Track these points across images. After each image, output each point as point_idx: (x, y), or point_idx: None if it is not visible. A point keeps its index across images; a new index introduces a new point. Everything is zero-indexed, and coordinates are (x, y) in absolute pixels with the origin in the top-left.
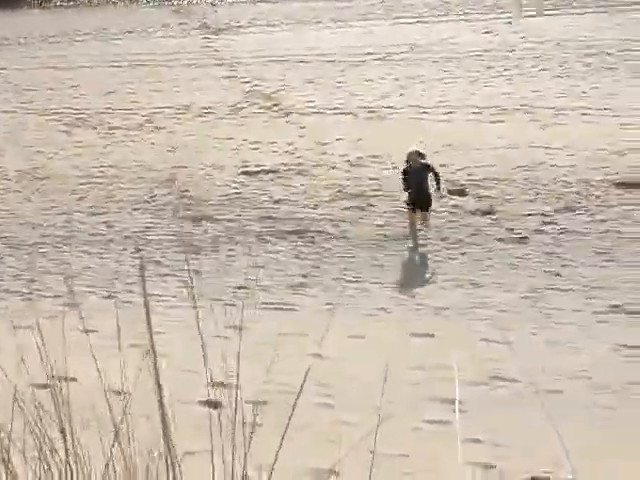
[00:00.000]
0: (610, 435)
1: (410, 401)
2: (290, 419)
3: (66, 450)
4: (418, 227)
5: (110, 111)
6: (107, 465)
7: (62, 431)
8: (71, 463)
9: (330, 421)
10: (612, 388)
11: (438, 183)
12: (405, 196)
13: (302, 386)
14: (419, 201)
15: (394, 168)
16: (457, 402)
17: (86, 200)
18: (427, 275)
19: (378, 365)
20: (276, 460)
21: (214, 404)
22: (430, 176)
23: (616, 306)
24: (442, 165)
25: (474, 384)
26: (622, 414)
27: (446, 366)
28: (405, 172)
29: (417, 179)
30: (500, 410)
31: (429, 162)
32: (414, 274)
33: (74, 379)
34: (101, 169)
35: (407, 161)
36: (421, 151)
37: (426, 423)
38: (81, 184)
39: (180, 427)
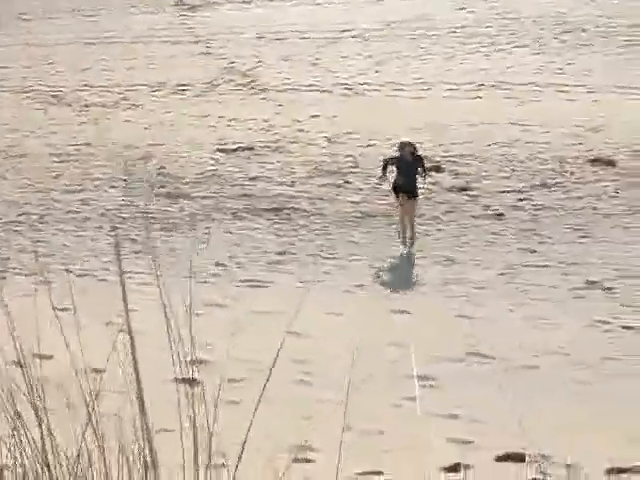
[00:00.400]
0: (586, 410)
1: (388, 378)
2: (261, 395)
3: (40, 428)
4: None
5: (86, 88)
6: (80, 443)
7: (35, 409)
8: (45, 441)
9: (308, 398)
10: (588, 364)
11: (425, 172)
12: (390, 187)
13: (274, 363)
14: (407, 190)
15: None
16: (415, 379)
17: (62, 178)
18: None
19: (355, 342)
20: (247, 436)
21: (189, 381)
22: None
23: (592, 282)
24: (418, 142)
25: (451, 360)
26: (598, 389)
27: (422, 343)
28: (392, 161)
29: (408, 169)
30: (477, 386)
31: (421, 154)
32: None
33: (50, 357)
34: (77, 147)
35: (399, 150)
36: (411, 142)
37: (404, 400)
38: (57, 162)
39: (155, 404)
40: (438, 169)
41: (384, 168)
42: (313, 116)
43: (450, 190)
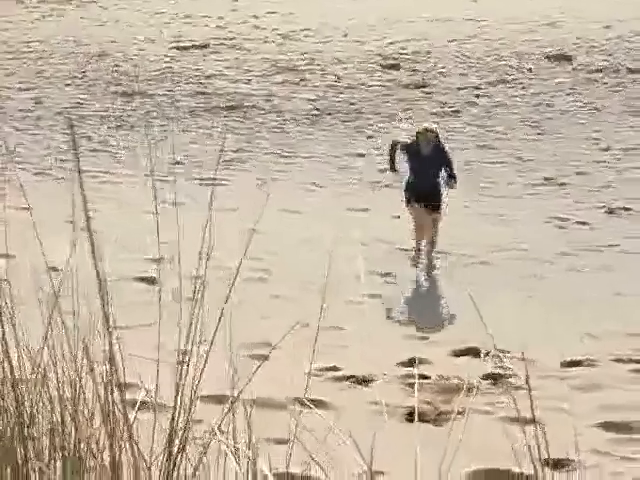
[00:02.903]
0: (542, 305)
1: (346, 275)
2: (229, 295)
3: (1, 324)
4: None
5: None
6: (45, 338)
7: None
8: (7, 333)
9: (265, 296)
10: (544, 259)
11: (452, 172)
12: (402, 187)
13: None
14: (425, 196)
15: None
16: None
17: (15, 76)
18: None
19: (313, 239)
20: (214, 335)
21: (150, 280)
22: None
23: (548, 178)
24: (376, 40)
25: (408, 256)
26: (554, 284)
27: (380, 240)
28: (402, 148)
29: (425, 167)
30: (434, 281)
31: (444, 145)
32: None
33: (11, 256)
34: (29, 44)
35: (415, 141)
36: (433, 128)
37: (363, 296)
38: (10, 59)
39: (117, 303)
40: (395, 66)
41: (392, 154)
42: (269, 13)
43: (407, 87)
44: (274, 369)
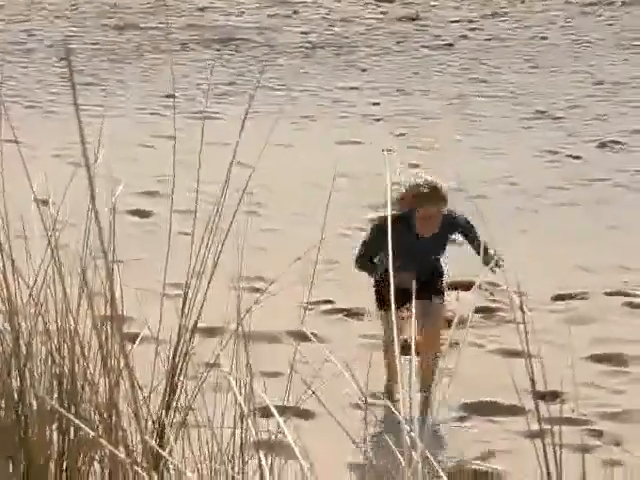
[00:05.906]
0: (533, 238)
1: (337, 208)
2: (228, 232)
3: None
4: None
5: None
6: (42, 269)
7: None
8: (6, 267)
9: (258, 229)
10: (536, 192)
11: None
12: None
13: (241, 198)
14: (418, 287)
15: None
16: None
17: (6, 8)
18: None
19: (304, 172)
20: (215, 266)
21: (143, 213)
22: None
23: (541, 112)
24: None
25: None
26: (545, 218)
27: (372, 173)
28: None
29: (424, 250)
30: None
31: (455, 213)
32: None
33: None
34: None
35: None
36: (441, 187)
37: (353, 229)
38: None
39: (112, 235)
40: None
41: (366, 258)
42: None
43: (400, 20)
44: (268, 302)
